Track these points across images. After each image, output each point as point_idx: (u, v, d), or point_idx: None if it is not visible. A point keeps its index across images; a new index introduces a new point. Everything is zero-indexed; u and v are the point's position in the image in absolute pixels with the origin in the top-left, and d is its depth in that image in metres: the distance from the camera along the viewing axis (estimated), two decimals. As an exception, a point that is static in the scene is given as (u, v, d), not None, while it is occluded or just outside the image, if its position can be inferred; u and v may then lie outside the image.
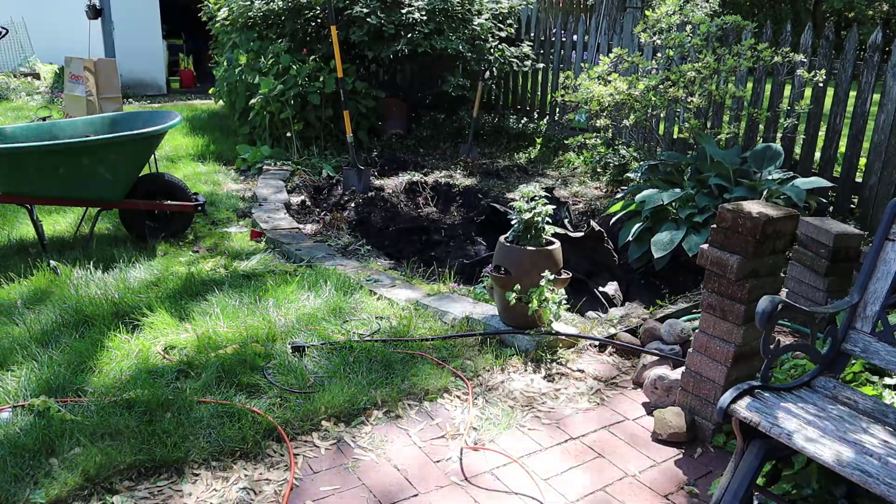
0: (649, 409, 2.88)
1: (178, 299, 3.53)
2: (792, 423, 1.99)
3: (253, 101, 6.60)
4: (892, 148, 4.57)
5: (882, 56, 4.63)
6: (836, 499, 2.15)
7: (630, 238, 4.46)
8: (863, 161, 4.81)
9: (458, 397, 2.88)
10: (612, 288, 4.50)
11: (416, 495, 2.32)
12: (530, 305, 3.10)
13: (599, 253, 4.66)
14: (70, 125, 4.58)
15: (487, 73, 7.29)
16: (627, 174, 5.38)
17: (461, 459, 2.50)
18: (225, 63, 7.18)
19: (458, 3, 6.95)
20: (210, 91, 7.82)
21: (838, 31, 16.98)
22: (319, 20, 6.92)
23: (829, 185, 4.49)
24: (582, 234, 4.71)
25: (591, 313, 3.88)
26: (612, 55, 5.43)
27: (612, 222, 4.85)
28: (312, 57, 6.71)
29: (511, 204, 5.29)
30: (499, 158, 7.10)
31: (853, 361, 2.49)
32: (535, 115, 7.71)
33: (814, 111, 4.99)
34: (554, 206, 4.20)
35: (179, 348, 3.05)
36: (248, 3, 6.96)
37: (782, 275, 2.86)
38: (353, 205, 5.54)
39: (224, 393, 2.72)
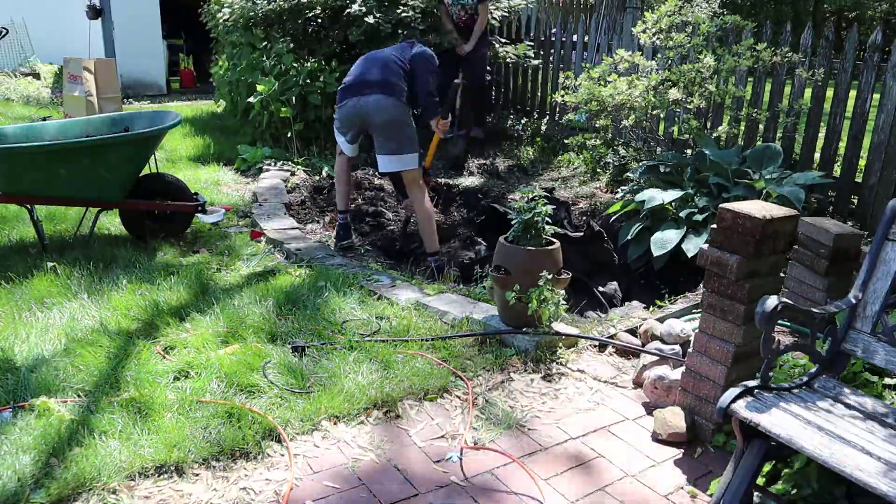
0: (649, 409, 2.88)
1: (177, 299, 3.53)
2: (792, 423, 2.00)
3: (253, 100, 6.60)
4: (892, 148, 4.56)
5: (882, 56, 4.62)
6: (836, 499, 2.15)
7: (629, 238, 4.46)
8: (863, 161, 4.81)
9: (458, 397, 2.88)
10: (612, 288, 4.50)
11: (416, 495, 2.32)
12: (530, 305, 3.10)
13: (599, 253, 4.67)
14: (70, 125, 4.58)
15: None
16: (627, 174, 5.38)
17: (461, 459, 2.50)
18: (225, 63, 7.18)
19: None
20: (213, 87, 7.81)
21: (838, 31, 16.99)
22: (320, 20, 6.92)
23: (828, 180, 4.50)
24: (582, 234, 4.71)
25: (591, 313, 3.89)
26: (612, 56, 5.43)
27: (611, 222, 4.85)
28: (313, 58, 6.71)
29: (511, 204, 5.30)
30: (499, 158, 7.10)
31: (853, 361, 2.49)
32: (535, 115, 7.71)
33: (814, 111, 4.99)
34: (554, 206, 4.21)
35: (179, 348, 3.06)
36: (249, 3, 6.96)
37: (782, 275, 2.86)
38: (352, 205, 5.54)
39: (224, 393, 2.72)
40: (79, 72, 8.24)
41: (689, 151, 5.26)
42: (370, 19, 6.48)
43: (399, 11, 6.64)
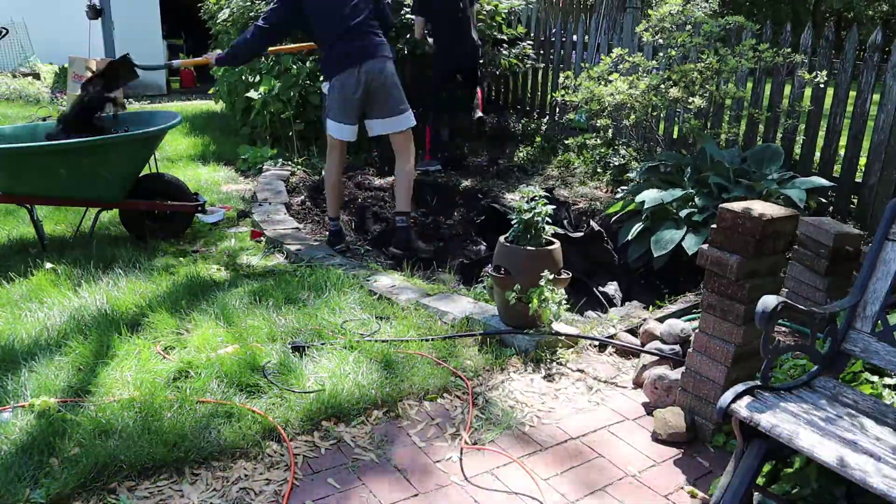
0: (649, 409, 2.88)
1: (177, 299, 3.53)
2: (792, 423, 1.99)
3: (253, 100, 6.60)
4: (892, 148, 4.56)
5: (882, 56, 4.63)
6: (836, 499, 2.15)
7: (629, 238, 4.46)
8: (863, 161, 4.81)
9: (458, 397, 2.88)
10: (612, 288, 4.50)
11: (416, 495, 2.32)
12: (530, 305, 3.10)
13: (599, 253, 4.67)
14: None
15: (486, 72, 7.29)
16: (627, 174, 5.38)
17: (461, 459, 2.50)
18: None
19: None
20: (210, 91, 7.82)
21: (838, 31, 16.99)
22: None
23: (829, 184, 4.50)
24: (582, 234, 4.71)
25: (590, 313, 3.89)
26: (613, 54, 5.42)
27: (611, 222, 4.85)
28: (313, 57, 6.71)
29: (511, 204, 5.30)
30: (499, 158, 7.09)
31: (853, 361, 2.49)
32: (536, 115, 7.71)
33: (814, 111, 4.99)
34: (554, 206, 4.21)
35: (179, 348, 3.06)
36: (249, 3, 6.96)
37: (782, 275, 2.86)
38: (352, 205, 5.54)
39: (224, 393, 2.72)
40: (83, 71, 8.23)
41: (684, 150, 5.26)
42: None
43: (402, 12, 6.65)
